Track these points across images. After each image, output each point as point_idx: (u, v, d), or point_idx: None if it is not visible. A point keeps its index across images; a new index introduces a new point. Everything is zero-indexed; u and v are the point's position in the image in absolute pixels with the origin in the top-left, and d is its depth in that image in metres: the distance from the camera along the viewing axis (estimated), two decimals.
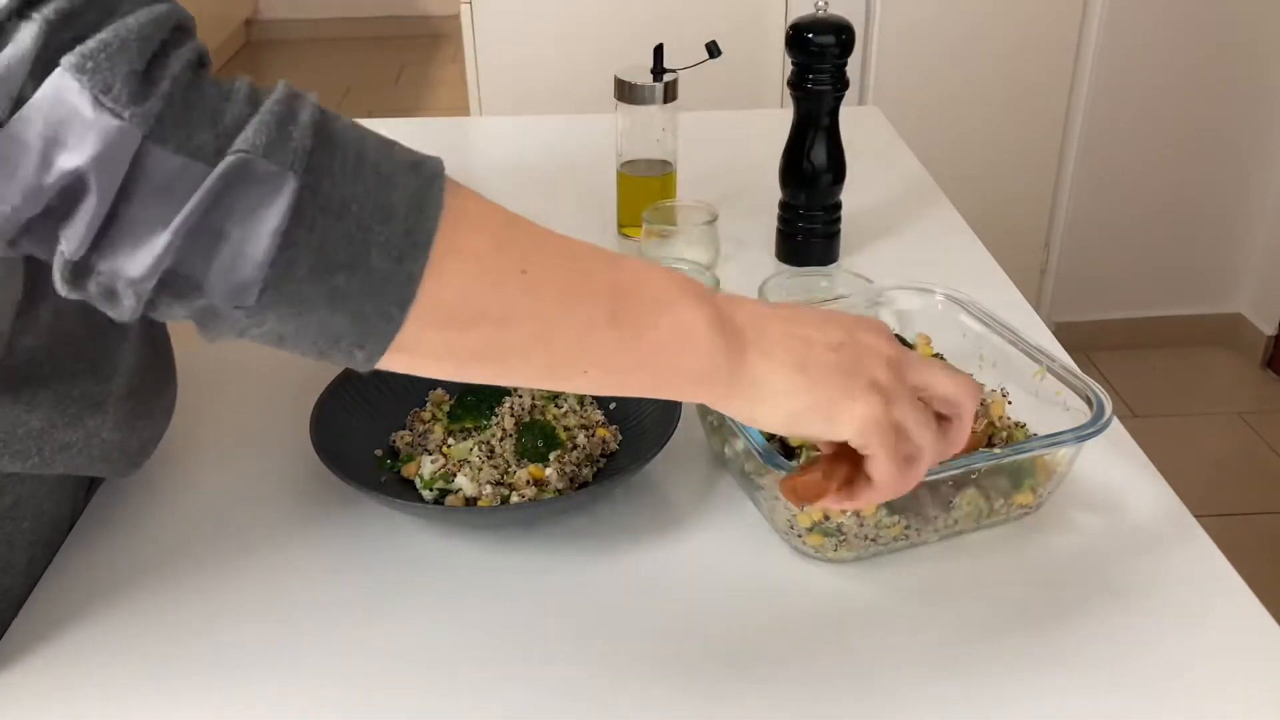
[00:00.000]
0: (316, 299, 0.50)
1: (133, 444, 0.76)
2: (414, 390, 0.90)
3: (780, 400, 0.60)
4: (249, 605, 0.73)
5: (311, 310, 0.50)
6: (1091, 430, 0.74)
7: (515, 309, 0.54)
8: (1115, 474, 0.84)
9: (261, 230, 0.48)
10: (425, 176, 0.52)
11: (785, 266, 1.16)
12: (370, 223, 0.49)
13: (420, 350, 0.53)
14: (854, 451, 0.62)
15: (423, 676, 0.67)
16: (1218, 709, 0.65)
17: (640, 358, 0.58)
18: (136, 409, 0.76)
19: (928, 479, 0.71)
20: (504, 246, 0.54)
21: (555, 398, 0.88)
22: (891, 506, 0.72)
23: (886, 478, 0.61)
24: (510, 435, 0.83)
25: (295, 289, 0.49)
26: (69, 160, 0.46)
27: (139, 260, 0.48)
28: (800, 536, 0.74)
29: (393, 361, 0.53)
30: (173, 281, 0.49)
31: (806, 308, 0.64)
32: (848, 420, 0.59)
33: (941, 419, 0.63)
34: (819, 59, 1.07)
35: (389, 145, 0.52)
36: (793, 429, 0.61)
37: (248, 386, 0.96)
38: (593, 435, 0.85)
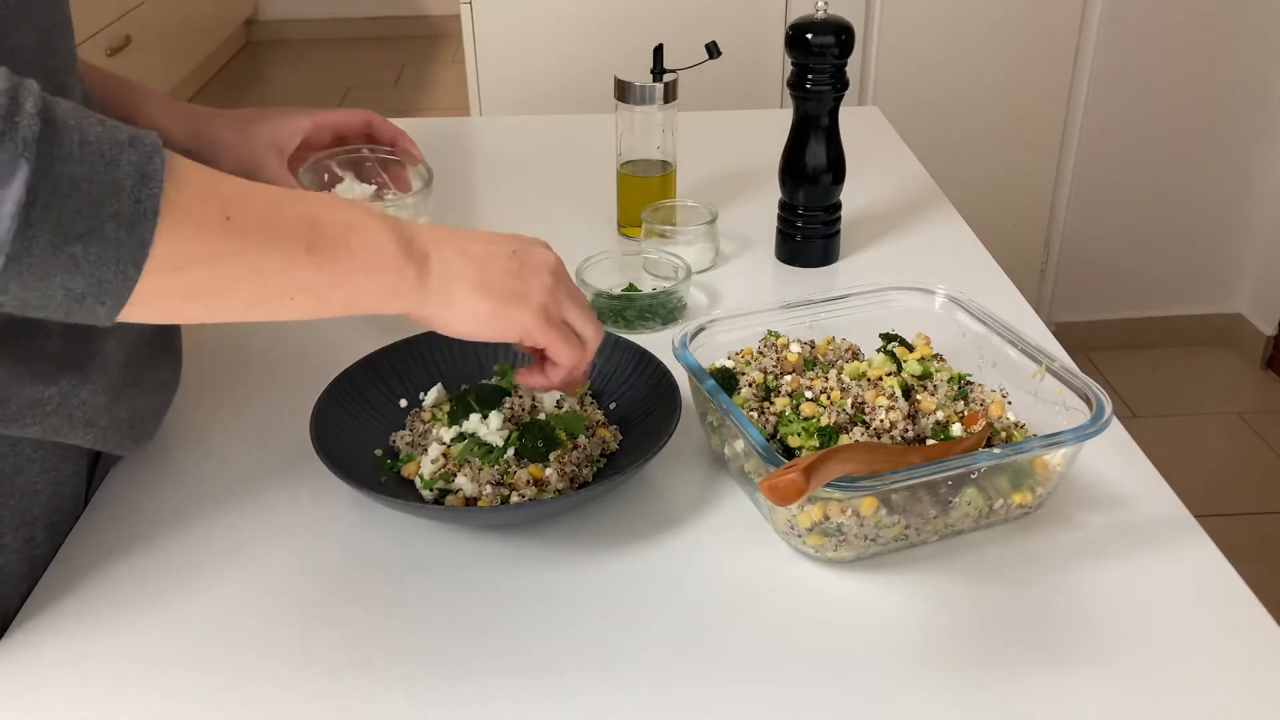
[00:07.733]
0: (57, 268, 0.55)
1: (121, 412, 0.77)
2: (414, 390, 0.90)
3: (466, 306, 0.70)
4: (249, 604, 0.73)
5: (53, 277, 0.55)
6: (1091, 430, 0.74)
7: (222, 250, 0.61)
8: (1115, 474, 0.84)
9: (1, 214, 0.52)
10: (144, 152, 0.57)
11: (786, 266, 1.16)
12: (101, 197, 0.55)
13: (149, 299, 0.59)
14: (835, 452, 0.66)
15: (422, 675, 0.67)
16: (1218, 709, 0.65)
17: (338, 279, 0.65)
18: (126, 377, 0.77)
19: (927, 478, 0.71)
20: (210, 200, 0.61)
21: (556, 399, 0.88)
22: (891, 506, 0.72)
23: (565, 357, 0.75)
24: (510, 435, 0.83)
25: (35, 261, 0.54)
26: None
27: None
28: (800, 536, 0.74)
29: (127, 313, 0.59)
30: None
31: (479, 230, 0.73)
32: (523, 324, 0.72)
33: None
34: (819, 59, 1.07)
35: (107, 125, 0.57)
36: (480, 332, 0.71)
37: (248, 386, 0.96)
38: (593, 435, 0.85)
